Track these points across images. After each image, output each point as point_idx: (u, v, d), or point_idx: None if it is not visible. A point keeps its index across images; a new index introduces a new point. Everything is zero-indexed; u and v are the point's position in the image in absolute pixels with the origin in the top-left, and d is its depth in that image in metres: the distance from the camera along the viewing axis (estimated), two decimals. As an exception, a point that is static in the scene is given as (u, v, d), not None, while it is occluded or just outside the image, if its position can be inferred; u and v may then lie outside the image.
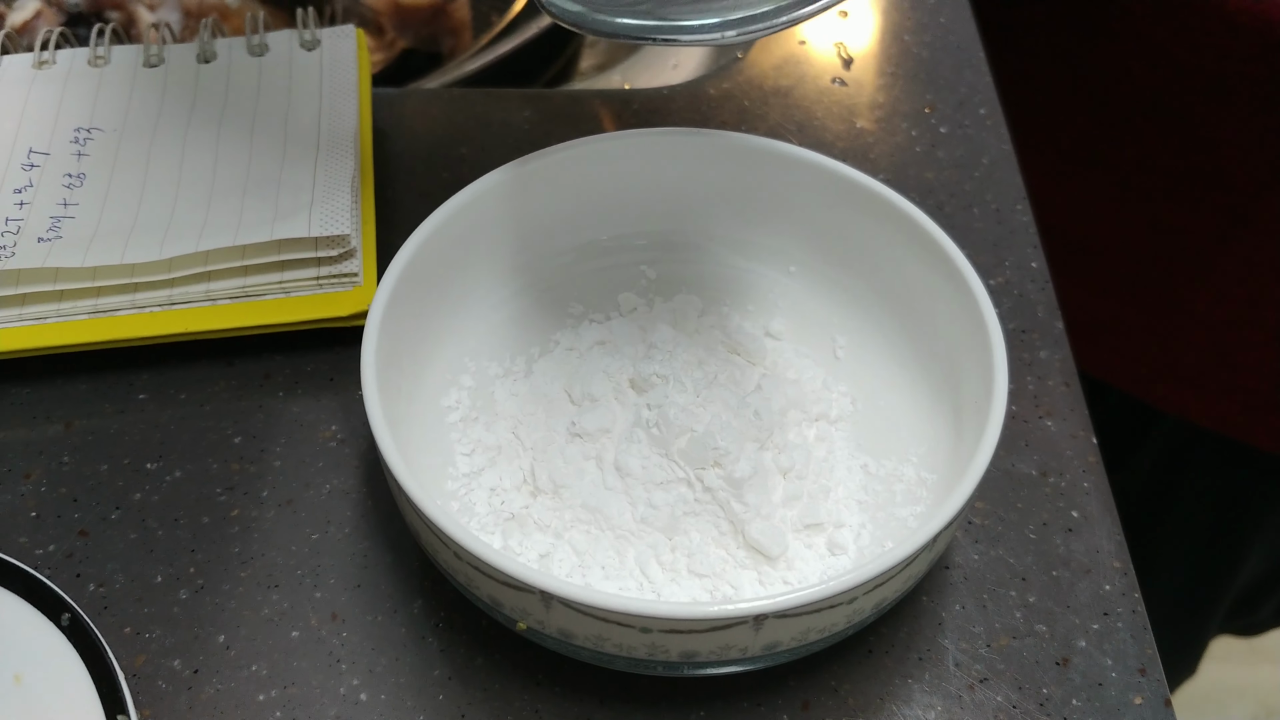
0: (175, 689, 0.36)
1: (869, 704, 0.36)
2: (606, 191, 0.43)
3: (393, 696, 0.36)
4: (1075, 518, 0.40)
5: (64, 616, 0.32)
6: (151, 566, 0.39)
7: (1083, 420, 0.43)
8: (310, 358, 0.44)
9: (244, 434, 0.42)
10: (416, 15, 0.69)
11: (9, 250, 0.43)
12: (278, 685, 0.36)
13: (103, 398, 0.43)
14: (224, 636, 0.37)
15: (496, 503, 0.39)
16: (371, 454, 0.41)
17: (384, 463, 0.34)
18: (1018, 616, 0.38)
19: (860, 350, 0.43)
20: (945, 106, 0.54)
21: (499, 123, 0.53)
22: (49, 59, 0.50)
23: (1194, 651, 0.90)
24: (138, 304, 0.43)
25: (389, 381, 0.37)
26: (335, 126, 0.47)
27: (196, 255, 0.42)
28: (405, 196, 0.50)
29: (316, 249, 0.43)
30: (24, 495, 0.40)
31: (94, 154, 0.47)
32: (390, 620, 0.38)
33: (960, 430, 0.37)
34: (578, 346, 0.42)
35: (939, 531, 0.32)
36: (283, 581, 0.38)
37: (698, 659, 0.33)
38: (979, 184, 0.51)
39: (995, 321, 0.37)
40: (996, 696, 0.36)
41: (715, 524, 0.37)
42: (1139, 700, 0.36)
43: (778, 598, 0.31)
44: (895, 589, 0.34)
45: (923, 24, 0.58)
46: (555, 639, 0.34)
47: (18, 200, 0.45)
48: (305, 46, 0.51)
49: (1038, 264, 0.48)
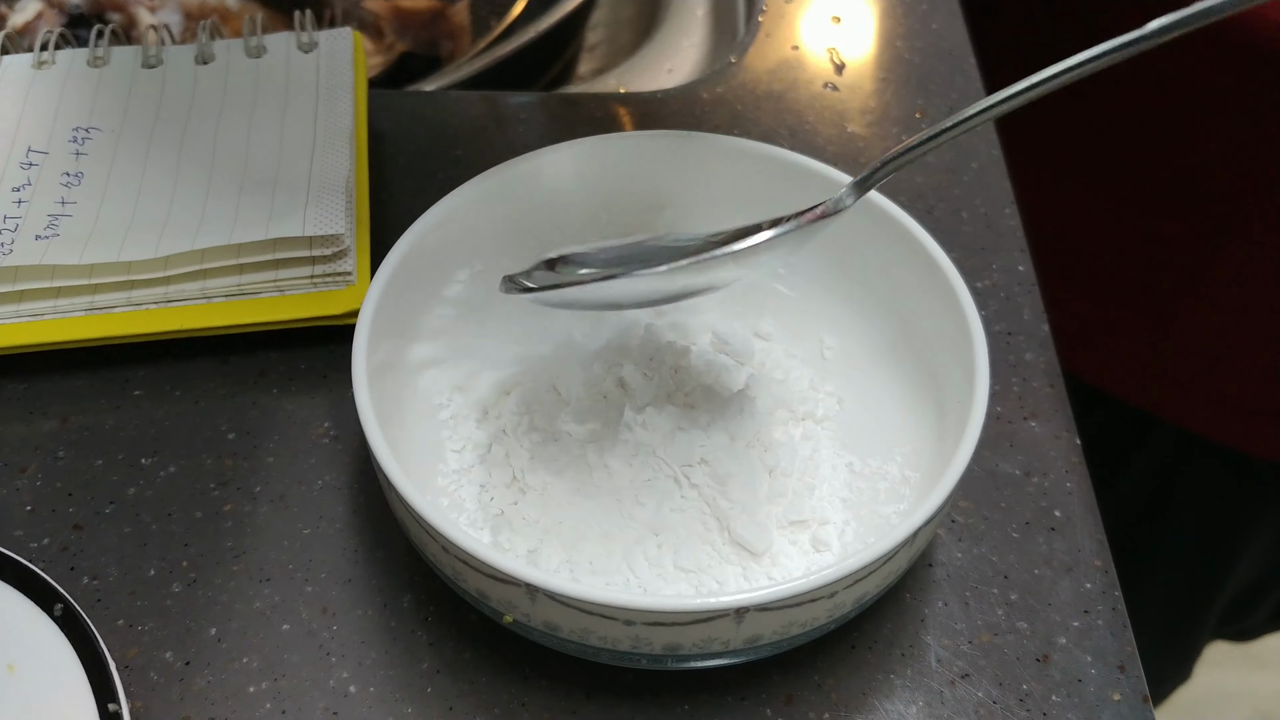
0: (167, 680, 0.36)
1: (851, 698, 0.37)
2: (597, 193, 0.44)
3: (382, 689, 0.36)
4: (1058, 517, 0.41)
5: (56, 607, 0.32)
6: (145, 560, 0.39)
7: (1066, 421, 0.44)
8: (304, 355, 0.45)
9: (238, 430, 0.42)
10: (416, 19, 0.70)
11: (7, 247, 0.43)
12: (268, 677, 0.36)
13: (98, 393, 0.43)
14: (216, 629, 0.38)
15: (486, 499, 0.39)
16: (363, 450, 0.42)
17: (374, 459, 0.35)
18: (999, 614, 0.39)
19: (847, 351, 0.43)
20: (936, 112, 0.55)
21: (494, 125, 0.53)
22: (49, 59, 0.51)
23: (1188, 656, 0.90)
24: (134, 301, 0.43)
25: (380, 379, 0.37)
26: (331, 127, 0.48)
27: (192, 254, 0.43)
28: (400, 197, 0.50)
29: (311, 248, 0.43)
30: (19, 489, 0.41)
31: (92, 153, 0.47)
32: (380, 614, 0.38)
33: (943, 430, 0.38)
34: (568, 346, 0.43)
35: (918, 528, 0.33)
36: (274, 575, 0.39)
37: (681, 652, 0.33)
38: (968, 188, 0.51)
39: (978, 324, 0.37)
40: (977, 692, 0.37)
41: (701, 520, 0.38)
42: (1117, 697, 0.37)
43: (758, 591, 0.31)
44: (876, 584, 0.34)
45: (914, 30, 0.59)
46: (541, 632, 0.34)
47: (16, 198, 0.45)
48: (302, 49, 0.51)
49: (1024, 268, 0.48)
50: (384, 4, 0.70)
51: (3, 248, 0.43)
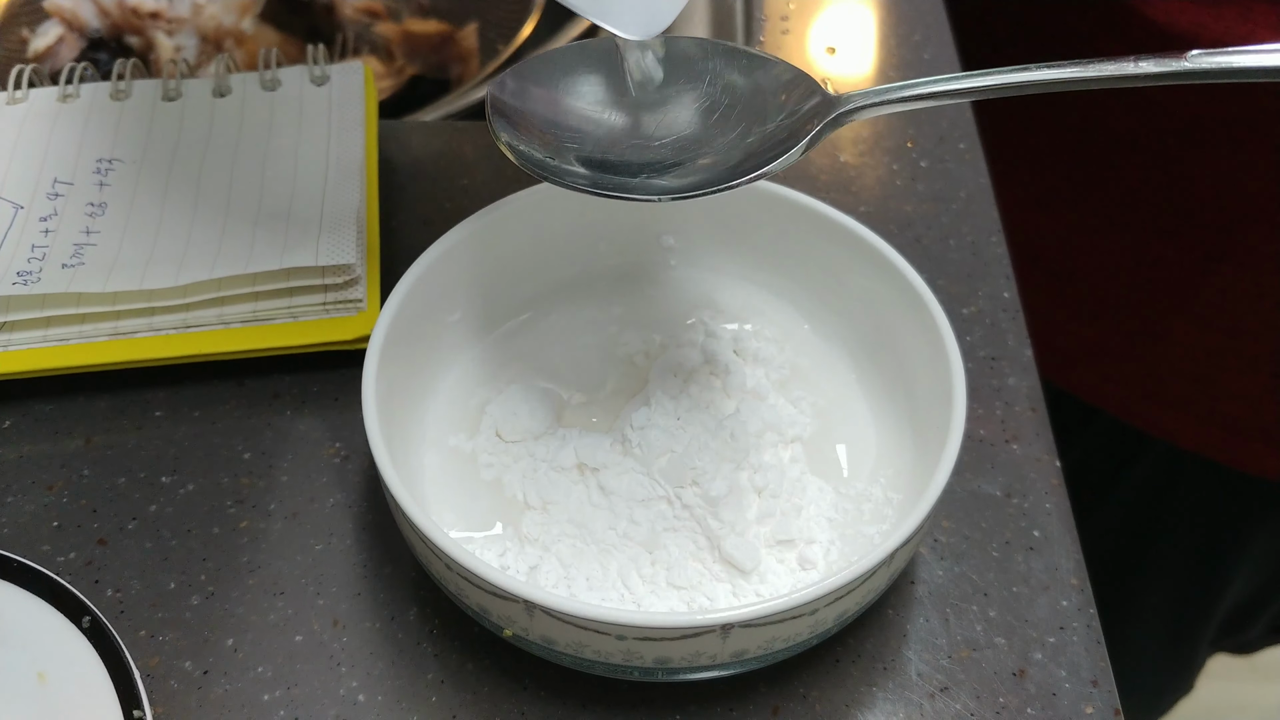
0: (186, 688, 0.38)
1: (835, 710, 0.38)
2: (598, 221, 0.46)
3: (389, 698, 0.38)
4: (1036, 537, 0.43)
5: (85, 619, 0.34)
6: (165, 574, 0.41)
7: (1047, 445, 0.45)
8: (316, 379, 0.47)
9: (253, 450, 0.45)
10: (425, 43, 0.71)
11: (35, 275, 0.45)
12: (282, 686, 0.38)
13: (121, 415, 0.46)
14: (232, 640, 0.40)
15: (489, 519, 0.41)
16: (372, 470, 0.44)
17: (382, 481, 0.37)
18: (978, 630, 0.40)
19: (834, 378, 0.45)
20: (926, 141, 0.56)
21: (500, 154, 0.55)
22: (73, 92, 0.53)
23: (1188, 668, 0.91)
24: (155, 327, 0.45)
25: (389, 402, 0.39)
26: (342, 159, 0.50)
27: (210, 282, 0.45)
28: (409, 225, 0.52)
29: (323, 276, 0.45)
30: (47, 505, 0.43)
31: (115, 184, 0.49)
32: (388, 627, 0.40)
33: (924, 455, 0.40)
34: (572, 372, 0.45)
35: (896, 549, 0.35)
36: (288, 589, 0.41)
37: (671, 665, 0.35)
38: (956, 217, 0.53)
39: (957, 354, 0.39)
40: (955, 705, 0.39)
41: (693, 539, 0.40)
42: (1090, 710, 0.39)
43: (743, 609, 0.33)
44: (856, 602, 0.36)
45: (907, 61, 0.61)
46: (539, 645, 0.36)
47: (43, 228, 0.47)
48: (315, 82, 0.53)
49: (1010, 294, 0.50)
50: (394, 28, 0.72)
51: (31, 276, 0.45)
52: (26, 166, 0.50)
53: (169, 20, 0.70)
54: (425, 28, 0.71)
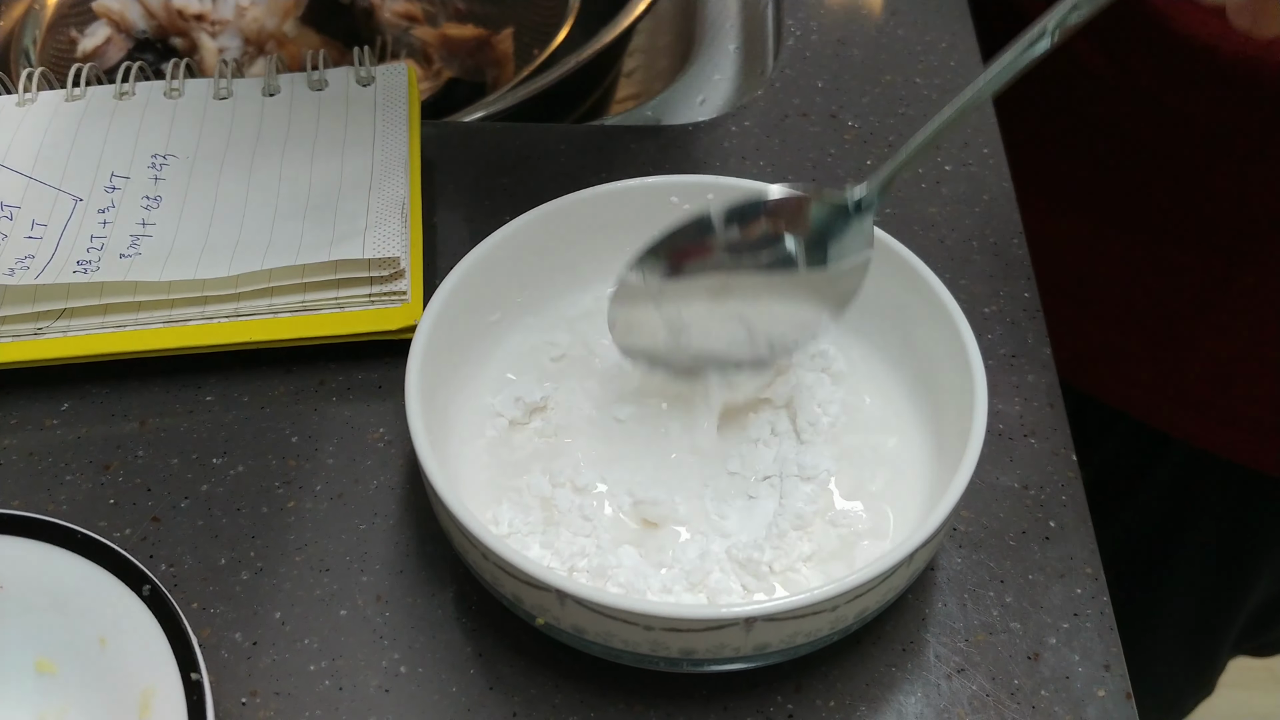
0: (236, 658, 0.40)
1: (855, 688, 0.40)
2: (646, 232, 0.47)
3: (429, 670, 0.40)
4: (1052, 527, 0.44)
5: (145, 588, 0.36)
6: (216, 550, 0.43)
7: (1064, 439, 0.47)
8: (362, 367, 0.49)
9: (300, 434, 0.46)
10: (462, 47, 0.73)
11: (94, 265, 0.47)
12: (327, 657, 0.40)
13: (174, 399, 0.48)
14: (280, 613, 0.41)
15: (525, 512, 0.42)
16: (414, 454, 0.45)
17: (422, 469, 0.38)
18: (994, 615, 0.42)
19: (860, 381, 0.46)
20: (950, 145, 0.58)
21: (537, 155, 0.57)
22: (129, 90, 0.55)
23: (1210, 670, 0.91)
24: (207, 315, 0.47)
25: (431, 391, 0.41)
26: (388, 156, 0.52)
27: (261, 273, 0.47)
28: (450, 221, 0.54)
29: (369, 269, 0.47)
30: (104, 484, 0.45)
31: (169, 178, 0.51)
32: (428, 603, 0.42)
33: (944, 454, 0.41)
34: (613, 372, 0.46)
35: (916, 549, 0.36)
36: (333, 566, 0.43)
37: (695, 656, 0.37)
38: (979, 219, 0.55)
39: (978, 359, 0.40)
40: (972, 685, 0.40)
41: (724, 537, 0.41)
42: (1102, 693, 0.40)
43: (765, 603, 0.35)
44: (876, 599, 0.37)
45: (933, 67, 0.62)
46: (569, 634, 0.37)
47: (101, 219, 0.50)
48: (360, 82, 0.55)
49: (1030, 295, 0.51)
50: (432, 32, 0.74)
51: (90, 265, 0.47)
52: (85, 161, 0.52)
53: (213, 22, 0.72)
54: (462, 32, 0.73)
